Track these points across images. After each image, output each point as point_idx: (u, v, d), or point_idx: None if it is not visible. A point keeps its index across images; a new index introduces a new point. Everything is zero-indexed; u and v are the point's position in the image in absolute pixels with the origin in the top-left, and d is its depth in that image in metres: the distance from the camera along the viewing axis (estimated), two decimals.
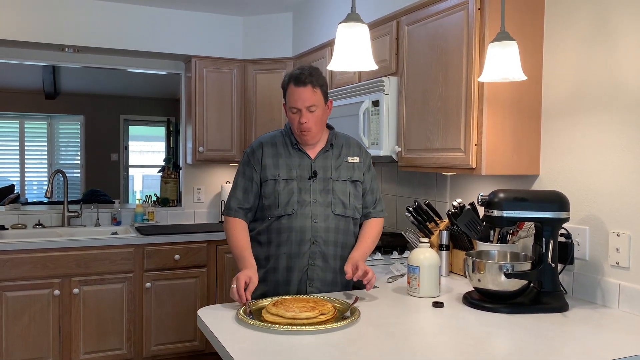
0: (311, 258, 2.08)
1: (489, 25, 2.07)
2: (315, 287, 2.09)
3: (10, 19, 3.47)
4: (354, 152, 2.20)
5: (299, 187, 2.09)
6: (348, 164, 2.16)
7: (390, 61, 2.64)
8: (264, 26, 3.97)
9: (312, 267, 2.08)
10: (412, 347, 1.48)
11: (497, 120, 2.12)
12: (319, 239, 2.07)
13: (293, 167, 2.11)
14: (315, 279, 2.09)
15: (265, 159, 2.13)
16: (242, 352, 1.41)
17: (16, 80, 7.72)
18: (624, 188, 1.88)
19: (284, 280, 2.09)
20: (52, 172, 7.35)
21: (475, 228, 2.19)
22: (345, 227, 2.13)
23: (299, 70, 2.09)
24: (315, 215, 2.08)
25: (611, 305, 1.90)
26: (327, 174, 2.12)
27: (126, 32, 3.75)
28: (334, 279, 2.12)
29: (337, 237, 2.11)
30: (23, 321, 3.26)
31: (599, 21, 1.95)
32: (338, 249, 2.11)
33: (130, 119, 8.83)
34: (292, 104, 2.07)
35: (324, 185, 2.11)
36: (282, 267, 2.09)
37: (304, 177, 2.10)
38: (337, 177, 2.13)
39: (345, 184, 2.13)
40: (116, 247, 3.46)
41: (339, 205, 2.11)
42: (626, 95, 1.86)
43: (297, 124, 2.08)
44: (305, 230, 2.07)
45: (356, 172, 2.17)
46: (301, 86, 2.05)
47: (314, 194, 2.09)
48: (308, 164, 2.12)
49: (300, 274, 2.08)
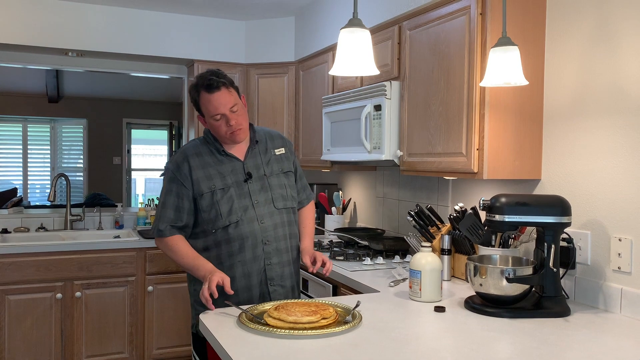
0: (267, 258, 2.08)
1: (490, 30, 2.08)
2: (277, 284, 2.11)
3: (14, 24, 3.49)
4: (278, 143, 2.22)
5: (238, 193, 2.07)
6: (276, 157, 2.18)
7: (392, 66, 2.65)
8: (267, 31, 3.98)
9: (269, 266, 2.09)
10: (414, 351, 1.48)
11: (499, 124, 2.12)
12: (270, 238, 2.09)
13: (226, 173, 2.08)
14: (275, 277, 2.11)
15: (195, 172, 2.06)
16: (243, 356, 1.41)
17: (19, 84, 7.75)
18: (626, 193, 1.88)
19: (244, 287, 2.07)
20: (55, 175, 7.37)
21: (477, 232, 2.19)
22: (289, 218, 2.16)
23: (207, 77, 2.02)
24: (260, 216, 2.08)
25: (613, 310, 1.89)
26: (260, 171, 2.12)
27: (129, 36, 3.76)
28: (290, 270, 2.17)
29: (285, 230, 2.13)
30: (25, 324, 3.27)
31: (601, 25, 1.96)
32: (288, 241, 2.14)
33: (133, 122, 8.86)
34: (214, 112, 2.01)
35: (261, 183, 2.11)
36: (239, 275, 2.06)
37: (239, 181, 2.08)
38: (270, 173, 2.14)
39: (279, 177, 2.16)
40: (118, 251, 3.46)
41: (279, 199, 2.13)
42: (628, 100, 1.86)
43: (225, 128, 2.04)
44: (255, 233, 2.06)
45: (285, 162, 2.20)
46: (216, 91, 2.00)
47: (253, 196, 2.09)
48: (240, 166, 2.10)
49: (259, 276, 2.08)
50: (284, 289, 2.13)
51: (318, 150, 3.40)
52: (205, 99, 2.02)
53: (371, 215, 3.53)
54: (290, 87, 3.85)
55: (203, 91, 2.02)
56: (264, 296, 2.09)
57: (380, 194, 3.43)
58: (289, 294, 2.16)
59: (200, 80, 2.04)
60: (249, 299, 2.07)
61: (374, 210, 3.49)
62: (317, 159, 3.44)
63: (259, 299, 2.09)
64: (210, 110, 2.02)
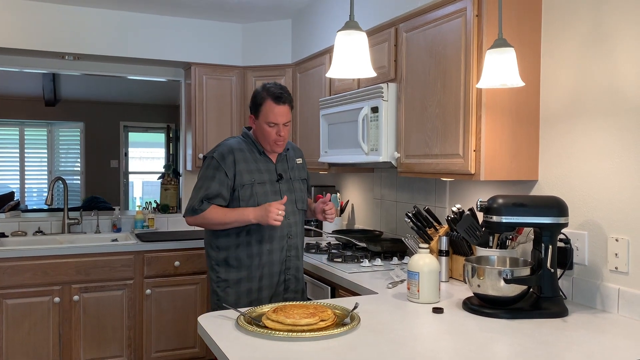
0: (288, 250, 2.40)
1: (486, 32, 2.09)
2: (292, 274, 2.42)
3: (11, 27, 3.49)
4: (297, 154, 2.55)
5: (272, 190, 2.37)
6: (298, 165, 2.51)
7: (388, 68, 2.65)
8: (263, 33, 3.98)
9: (289, 258, 2.41)
10: (412, 353, 1.48)
11: (496, 126, 2.13)
12: (292, 234, 2.40)
13: (262, 171, 2.37)
14: (291, 267, 2.42)
15: (239, 164, 2.32)
16: (242, 359, 1.41)
17: (16, 88, 7.74)
18: (622, 193, 1.88)
19: (268, 273, 2.36)
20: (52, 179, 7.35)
21: (475, 234, 2.19)
22: (302, 219, 2.49)
23: (277, 89, 2.31)
24: (288, 213, 2.35)
25: (610, 310, 1.90)
26: (287, 175, 2.43)
27: (126, 39, 3.77)
28: (299, 264, 2.47)
29: (301, 228, 2.47)
30: (23, 328, 3.26)
31: (596, 28, 1.97)
32: (300, 238, 2.47)
33: (130, 125, 8.84)
34: (272, 120, 2.29)
35: (287, 185, 2.42)
36: (265, 262, 2.35)
37: (272, 180, 2.38)
38: (294, 177, 2.46)
39: (299, 182, 2.48)
40: (116, 254, 3.46)
41: (300, 201, 2.45)
42: (624, 101, 1.87)
43: (274, 136, 2.32)
44: (283, 226, 2.35)
45: (302, 171, 2.53)
46: (281, 104, 2.30)
47: (283, 194, 2.37)
48: (273, 167, 2.41)
49: (280, 265, 2.39)
50: (296, 279, 2.45)
51: (315, 152, 3.41)
52: (270, 107, 2.30)
53: (369, 217, 3.53)
54: None
55: (270, 99, 2.30)
56: (281, 284, 2.40)
57: (377, 195, 3.44)
58: (299, 284, 2.47)
59: (271, 89, 2.32)
60: (270, 285, 2.37)
61: (372, 212, 3.50)
62: (314, 161, 3.44)
63: (277, 285, 2.39)
64: (270, 118, 2.30)
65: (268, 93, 2.30)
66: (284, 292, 2.41)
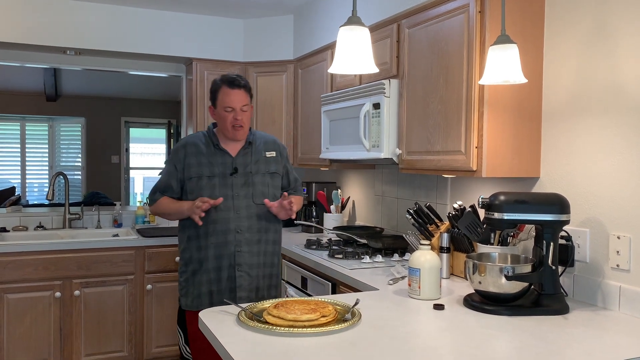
0: (237, 245, 2.37)
1: (489, 28, 2.08)
2: (244, 271, 2.39)
3: (12, 22, 3.48)
4: (270, 147, 2.51)
5: (221, 183, 2.37)
6: (266, 158, 2.47)
7: (391, 64, 2.65)
8: (265, 29, 3.98)
9: (239, 253, 2.38)
10: (413, 349, 1.48)
11: (498, 122, 2.12)
12: (242, 228, 2.38)
13: (215, 164, 2.39)
14: (243, 263, 2.38)
15: (188, 158, 2.39)
16: (243, 354, 1.41)
17: (17, 83, 7.74)
18: (624, 190, 1.88)
19: (215, 267, 2.37)
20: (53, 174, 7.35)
21: (476, 230, 2.19)
22: (266, 214, 2.42)
23: (230, 75, 2.38)
24: (237, 207, 2.37)
25: (612, 308, 1.90)
26: (247, 168, 2.41)
27: (127, 34, 3.76)
28: (260, 261, 2.42)
29: (259, 224, 2.41)
30: (24, 323, 3.27)
31: (600, 24, 1.96)
32: (262, 234, 2.42)
33: (131, 121, 8.85)
34: (228, 104, 2.34)
35: (245, 179, 2.40)
36: (212, 256, 2.37)
37: (225, 174, 2.39)
38: (256, 171, 2.43)
39: (264, 176, 2.44)
40: (117, 249, 3.46)
41: (259, 195, 2.41)
42: (627, 98, 1.87)
43: (231, 120, 2.34)
44: (229, 220, 2.36)
45: (273, 164, 2.48)
46: (236, 88, 2.35)
47: (235, 188, 2.38)
48: (229, 161, 2.41)
49: (228, 260, 2.37)
50: (250, 277, 2.40)
51: (317, 148, 3.40)
52: (225, 92, 2.35)
53: (370, 213, 3.53)
54: (289, 86, 3.85)
55: (225, 85, 2.35)
56: (232, 279, 2.38)
57: (379, 192, 3.43)
58: (254, 283, 2.41)
59: (225, 76, 2.39)
60: (218, 279, 2.38)
61: (373, 208, 3.50)
62: (315, 157, 3.44)
63: (227, 281, 2.38)
64: (226, 102, 2.34)
65: (222, 80, 2.37)
66: (237, 289, 2.37)
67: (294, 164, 3.86)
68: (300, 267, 2.89)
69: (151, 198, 2.48)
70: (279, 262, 2.55)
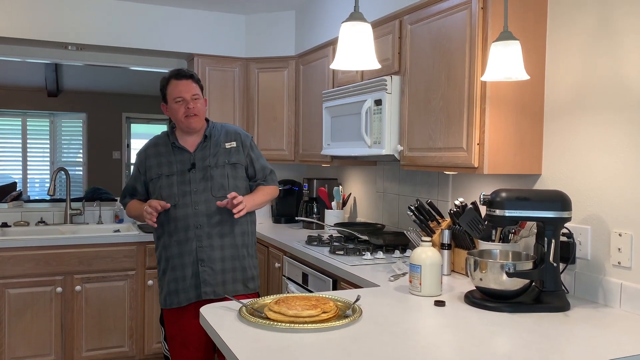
0: (198, 241, 2.36)
1: (491, 24, 2.08)
2: (208, 266, 2.36)
3: (13, 17, 3.48)
4: (231, 137, 2.47)
5: (180, 180, 2.37)
6: (225, 150, 2.43)
7: (392, 60, 2.64)
8: (267, 24, 3.97)
9: (201, 248, 2.36)
10: (414, 345, 1.48)
11: (500, 119, 2.12)
12: (202, 223, 2.35)
13: (174, 163, 2.39)
14: (205, 258, 2.36)
15: (149, 160, 2.43)
16: (244, 350, 1.41)
17: (19, 78, 7.73)
18: (626, 188, 1.88)
19: (178, 265, 2.37)
20: (54, 169, 7.35)
21: (477, 227, 2.19)
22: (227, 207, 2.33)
23: (175, 69, 2.41)
24: (196, 202, 2.36)
25: (613, 305, 1.90)
26: (205, 162, 2.39)
27: (129, 30, 3.75)
28: (222, 255, 2.39)
29: (221, 217, 2.37)
30: (25, 318, 3.27)
31: (603, 20, 1.95)
32: (225, 227, 2.38)
33: (133, 116, 8.84)
34: (177, 95, 2.33)
35: (203, 173, 2.38)
36: (175, 254, 2.37)
37: (184, 170, 2.38)
38: (214, 164, 2.39)
39: (224, 168, 2.40)
40: (118, 245, 3.46)
41: (218, 188, 2.37)
42: (629, 95, 1.86)
43: (183, 110, 2.34)
44: (188, 217, 2.35)
45: (234, 155, 2.44)
46: (184, 79, 2.36)
47: (194, 184, 2.36)
48: (188, 157, 2.40)
49: (191, 257, 2.36)
50: (214, 271, 2.37)
51: (318, 144, 3.40)
52: (172, 85, 2.36)
53: (371, 210, 3.53)
54: (290, 82, 3.85)
55: (172, 78, 2.37)
56: (196, 275, 2.36)
57: (380, 188, 3.43)
58: (218, 276, 2.38)
59: (171, 71, 2.41)
60: (183, 276, 2.37)
61: (374, 205, 3.49)
62: (317, 154, 3.44)
63: (192, 277, 2.36)
64: (174, 93, 2.34)
65: (169, 74, 2.39)
66: (201, 284, 2.36)
67: (295, 161, 3.85)
68: (301, 263, 2.89)
69: (122, 202, 2.55)
70: (253, 253, 2.51)
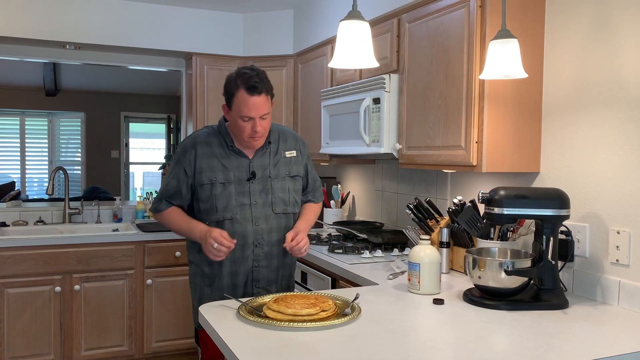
0: (255, 260, 2.09)
1: (489, 22, 2.08)
2: (262, 287, 2.12)
3: (11, 16, 3.47)
4: (291, 145, 2.18)
5: (237, 190, 2.05)
6: (286, 159, 2.15)
7: (391, 58, 2.64)
8: (265, 23, 3.97)
9: (257, 268, 2.10)
10: (413, 343, 1.48)
11: (498, 117, 2.12)
12: (261, 241, 2.09)
13: (230, 168, 2.06)
14: (261, 279, 2.11)
15: (201, 160, 2.06)
16: (243, 349, 1.42)
17: (17, 77, 7.72)
18: (624, 186, 1.88)
19: (229, 284, 2.09)
20: (52, 169, 7.34)
21: (476, 225, 2.19)
22: (287, 223, 2.14)
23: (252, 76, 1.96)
24: (256, 218, 2.07)
25: (611, 303, 1.90)
26: (265, 172, 2.09)
27: (127, 29, 3.75)
28: (278, 275, 2.16)
29: (279, 235, 2.11)
30: (24, 318, 3.27)
31: (601, 18, 1.95)
32: (281, 246, 2.10)
33: (131, 116, 8.84)
34: (245, 113, 1.96)
35: (263, 185, 2.09)
36: (227, 273, 2.09)
37: (242, 179, 2.07)
38: (275, 175, 2.11)
39: (285, 181, 2.13)
40: (117, 244, 3.46)
41: (280, 203, 2.11)
42: (627, 93, 1.86)
43: (249, 131, 2.00)
44: (247, 234, 2.06)
45: (294, 166, 2.16)
46: (256, 95, 1.96)
47: (253, 196, 2.07)
48: (246, 164, 2.08)
49: (245, 277, 2.10)
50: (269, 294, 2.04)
51: (317, 143, 3.40)
52: (242, 98, 1.96)
53: (370, 208, 3.53)
54: (288, 80, 3.85)
55: (243, 90, 1.96)
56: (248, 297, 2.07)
57: (379, 187, 3.43)
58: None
59: (244, 78, 1.96)
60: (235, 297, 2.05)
61: (373, 203, 3.50)
62: (315, 152, 3.44)
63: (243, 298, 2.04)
64: (243, 111, 1.97)
65: (242, 81, 1.96)
66: None
67: None
68: (300, 261, 2.89)
69: (156, 206, 2.14)
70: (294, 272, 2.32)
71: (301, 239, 2.05)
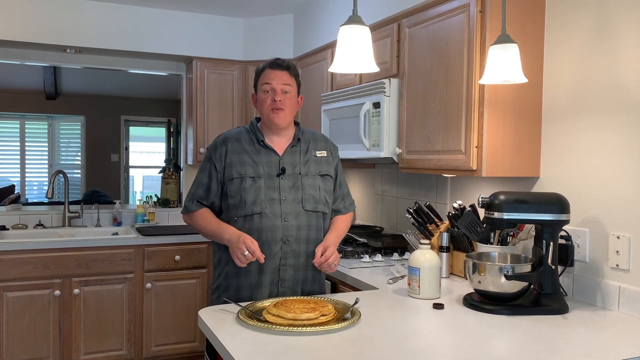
0: (283, 258, 2.03)
1: (489, 27, 2.08)
2: (287, 286, 2.05)
3: (12, 20, 3.48)
4: (321, 146, 2.16)
5: (267, 185, 2.03)
6: (316, 158, 2.12)
7: (391, 63, 2.65)
8: (265, 28, 3.97)
9: (284, 267, 2.03)
10: (413, 348, 1.48)
11: (498, 122, 2.12)
12: (290, 238, 2.02)
13: (260, 164, 2.05)
14: (287, 278, 2.04)
15: (230, 155, 2.06)
16: (242, 353, 1.41)
17: (17, 81, 7.73)
18: (624, 190, 1.88)
19: (256, 283, 2.03)
20: (52, 172, 7.34)
21: (476, 230, 2.19)
22: (317, 223, 2.07)
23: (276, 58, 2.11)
24: (285, 214, 2.02)
25: (611, 308, 1.90)
26: (295, 169, 2.07)
27: (127, 33, 3.76)
28: (305, 276, 2.08)
29: (309, 234, 2.05)
30: (24, 321, 3.27)
31: (600, 24, 1.96)
32: (310, 245, 2.05)
33: (131, 119, 8.84)
34: (267, 81, 2.05)
35: (293, 181, 2.05)
36: (253, 270, 2.02)
37: (272, 175, 2.04)
38: (306, 172, 2.08)
39: (315, 179, 2.09)
40: (117, 248, 3.46)
41: (310, 200, 2.05)
42: (627, 98, 1.87)
43: (269, 102, 2.04)
44: (276, 229, 2.01)
45: (325, 166, 2.13)
46: (278, 69, 2.06)
47: (283, 191, 2.04)
48: (276, 160, 2.07)
49: (271, 275, 2.03)
50: (294, 294, 2.05)
51: None
52: (266, 72, 2.07)
53: (370, 212, 3.53)
54: None
55: (268, 67, 2.07)
56: (272, 297, 2.02)
57: (378, 191, 3.43)
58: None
59: (270, 60, 2.10)
60: (257, 297, 2.01)
61: (373, 207, 3.50)
62: None
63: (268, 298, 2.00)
64: (264, 80, 2.06)
65: (266, 63, 2.10)
66: None
67: None
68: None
69: (187, 206, 2.11)
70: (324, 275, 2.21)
71: (330, 254, 1.99)
